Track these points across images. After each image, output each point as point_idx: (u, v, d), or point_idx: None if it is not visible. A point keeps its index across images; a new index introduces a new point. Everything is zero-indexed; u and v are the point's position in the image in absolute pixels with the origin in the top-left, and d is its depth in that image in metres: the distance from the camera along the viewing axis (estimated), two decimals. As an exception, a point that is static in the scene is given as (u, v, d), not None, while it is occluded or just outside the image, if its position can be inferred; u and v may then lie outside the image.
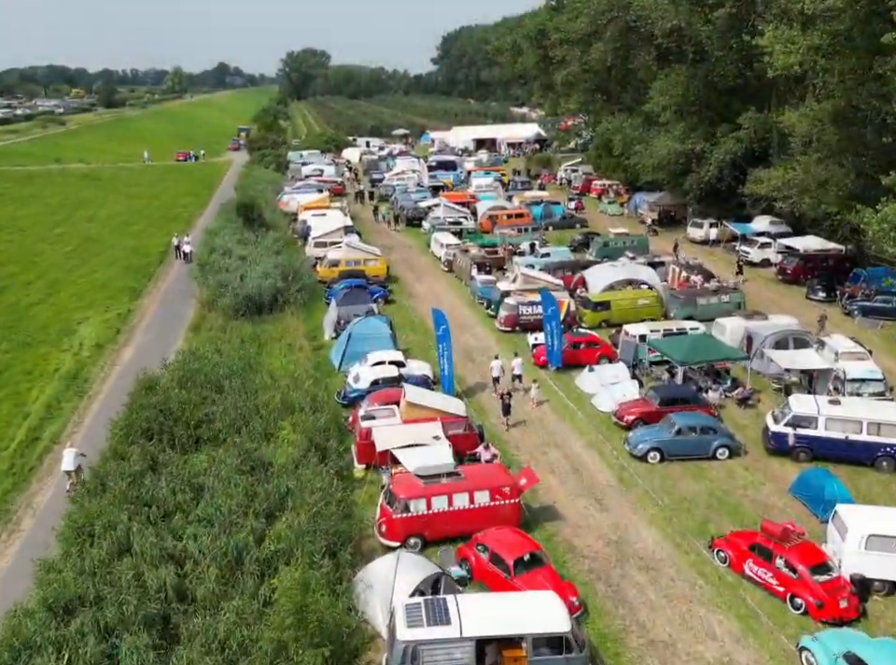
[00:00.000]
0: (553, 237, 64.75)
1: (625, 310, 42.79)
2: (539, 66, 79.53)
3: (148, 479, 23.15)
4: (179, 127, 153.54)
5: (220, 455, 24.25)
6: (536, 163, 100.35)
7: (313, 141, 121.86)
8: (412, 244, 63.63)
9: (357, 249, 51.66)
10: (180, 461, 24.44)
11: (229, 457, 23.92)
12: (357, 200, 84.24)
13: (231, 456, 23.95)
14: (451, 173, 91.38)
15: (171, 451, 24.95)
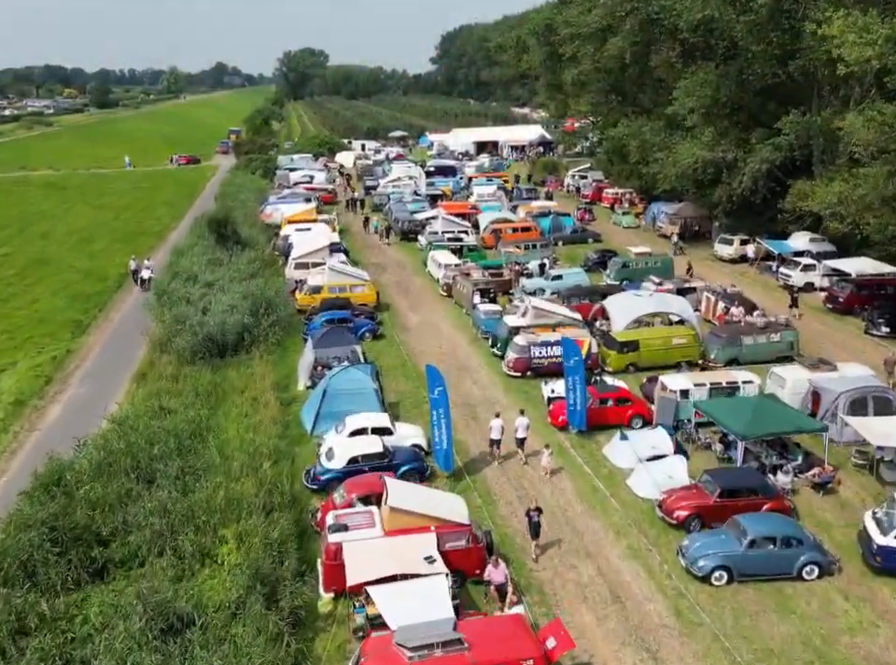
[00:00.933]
0: (563, 254, 57.65)
1: (657, 351, 35.68)
2: (545, 65, 72.35)
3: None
4: (169, 128, 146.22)
5: (123, 602, 17.11)
6: (541, 169, 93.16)
7: (305, 144, 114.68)
8: (406, 262, 56.49)
9: (341, 274, 44.49)
10: (66, 608, 17.28)
11: (133, 608, 16.75)
12: (349, 208, 77.20)
13: (137, 607, 16.75)
14: (450, 179, 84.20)
15: (56, 598, 17.73)
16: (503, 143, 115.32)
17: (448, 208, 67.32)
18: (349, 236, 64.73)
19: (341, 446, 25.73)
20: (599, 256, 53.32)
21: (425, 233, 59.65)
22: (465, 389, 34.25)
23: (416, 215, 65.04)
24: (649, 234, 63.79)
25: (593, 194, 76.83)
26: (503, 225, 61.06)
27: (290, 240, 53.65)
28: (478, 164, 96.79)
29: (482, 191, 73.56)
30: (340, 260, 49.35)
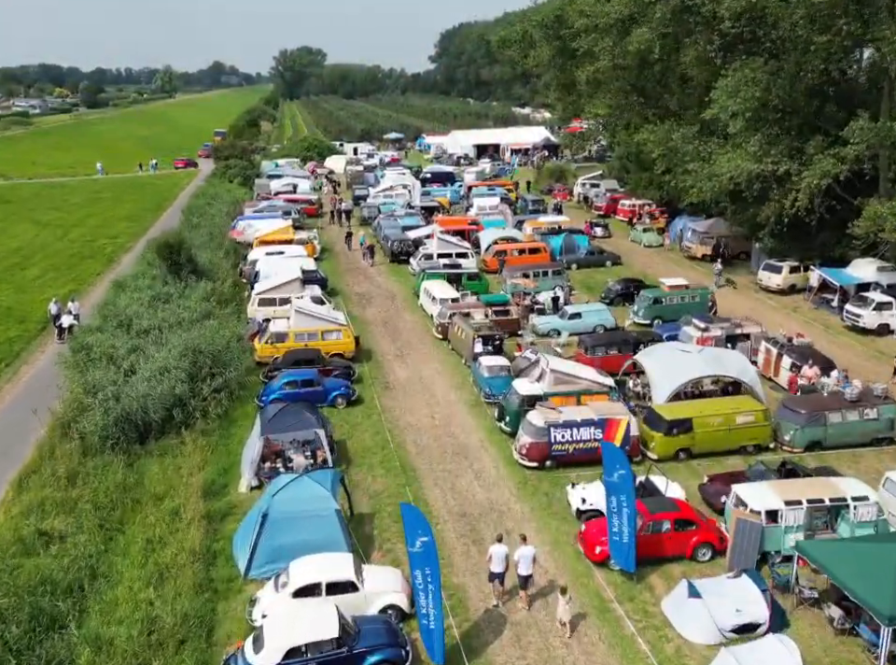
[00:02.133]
0: (577, 280, 48.86)
1: (717, 433, 26.89)
2: (555, 61, 63.36)
3: None
4: (150, 131, 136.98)
5: None
6: (546, 175, 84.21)
7: (293, 148, 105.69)
8: (396, 291, 47.65)
9: (311, 317, 35.62)
10: None
11: None
12: (334, 221, 68.43)
13: None
14: (447, 189, 75.32)
15: None
16: (505, 146, 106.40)
17: (444, 224, 58.52)
18: (331, 257, 55.95)
19: (275, 627, 16.90)
20: (623, 286, 44.45)
21: (417, 256, 50.88)
22: (462, 487, 25.47)
23: (409, 232, 56.16)
24: (674, 255, 54.94)
25: (607, 206, 67.89)
26: (508, 246, 52.22)
27: (258, 267, 44.83)
28: (478, 170, 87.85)
29: (483, 204, 64.65)
30: (314, 295, 40.54)
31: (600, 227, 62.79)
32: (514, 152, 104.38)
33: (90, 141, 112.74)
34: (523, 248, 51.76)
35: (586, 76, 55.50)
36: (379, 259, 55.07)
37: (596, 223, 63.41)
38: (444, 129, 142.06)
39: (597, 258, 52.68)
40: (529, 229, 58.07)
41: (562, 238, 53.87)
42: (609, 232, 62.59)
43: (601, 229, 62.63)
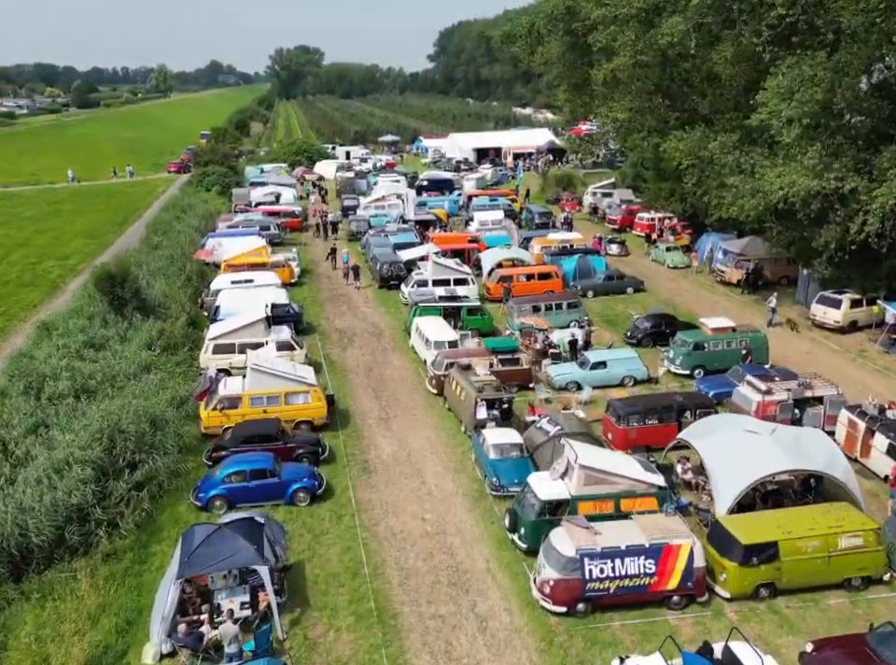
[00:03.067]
0: (595, 311, 41.45)
1: (812, 563, 19.43)
2: (565, 58, 55.72)
3: None
4: (139, 131, 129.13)
5: None
6: (553, 182, 76.63)
7: (280, 151, 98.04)
8: (383, 326, 40.13)
9: (271, 375, 28.07)
10: None
11: None
12: (319, 234, 61.03)
13: None
14: (445, 199, 67.81)
15: None
16: (507, 150, 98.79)
17: (441, 242, 51.09)
18: (312, 280, 48.44)
19: None
20: (653, 324, 36.88)
21: (410, 282, 43.41)
22: (461, 649, 18.00)
23: (401, 252, 48.64)
24: (704, 279, 47.43)
25: (622, 220, 60.32)
26: (514, 270, 44.74)
27: (219, 300, 37.31)
28: (479, 176, 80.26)
29: (484, 218, 57.12)
30: (281, 339, 33.07)
31: (616, 244, 55.31)
32: (517, 157, 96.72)
33: (66, 144, 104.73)
34: (531, 273, 44.28)
35: (603, 74, 47.84)
36: (366, 281, 47.77)
37: (611, 239, 55.89)
38: (443, 131, 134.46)
39: (617, 284, 45.15)
40: (537, 248, 50.57)
41: (575, 260, 46.39)
42: (627, 249, 55.12)
43: (617, 246, 55.15)
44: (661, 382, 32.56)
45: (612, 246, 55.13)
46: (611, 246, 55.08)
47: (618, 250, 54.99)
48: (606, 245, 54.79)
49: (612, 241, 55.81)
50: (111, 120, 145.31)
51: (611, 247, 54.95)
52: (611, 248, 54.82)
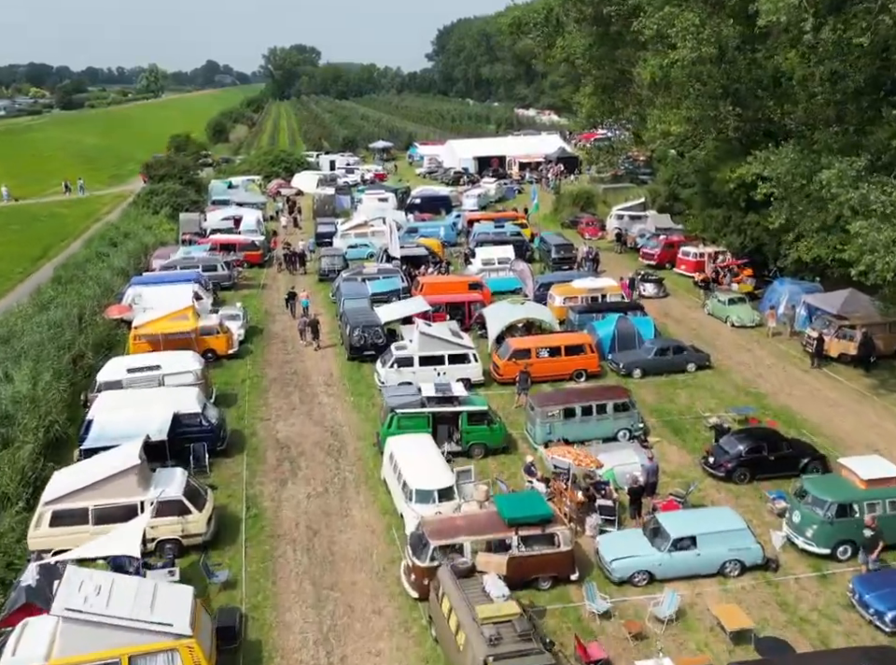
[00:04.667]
0: (647, 404, 28.80)
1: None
2: (593, 52, 42.71)
3: None
4: (108, 137, 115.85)
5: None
6: (569, 201, 63.65)
7: (256, 160, 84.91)
8: (346, 435, 27.26)
9: (105, 626, 15.15)
10: None
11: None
12: (285, 267, 48.59)
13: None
14: (441, 225, 54.94)
15: None
16: (511, 159, 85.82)
17: (434, 291, 38.50)
18: (260, 346, 35.70)
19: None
20: (750, 447, 23.93)
21: (388, 358, 30.72)
22: None
23: (381, 310, 35.83)
24: (789, 347, 34.60)
25: (661, 254, 47.45)
26: (531, 341, 31.91)
27: (92, 414, 24.38)
28: (481, 192, 67.41)
29: (490, 256, 44.28)
30: (165, 498, 20.29)
31: (651, 282, 42.99)
32: (524, 167, 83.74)
33: (13, 152, 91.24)
34: (556, 346, 31.49)
35: (651, 73, 34.91)
36: (334, 338, 35.29)
37: (646, 276, 43.51)
38: (440, 134, 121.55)
39: (674, 360, 32.28)
40: (559, 300, 37.81)
41: (614, 323, 33.64)
42: (665, 289, 42.74)
43: (653, 286, 42.89)
44: (781, 567, 19.86)
45: (647, 285, 42.98)
46: (646, 285, 42.88)
47: (654, 291, 42.77)
48: (638, 283, 42.44)
49: (647, 278, 43.49)
50: (82, 124, 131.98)
51: (646, 287, 42.81)
52: (646, 288, 42.66)
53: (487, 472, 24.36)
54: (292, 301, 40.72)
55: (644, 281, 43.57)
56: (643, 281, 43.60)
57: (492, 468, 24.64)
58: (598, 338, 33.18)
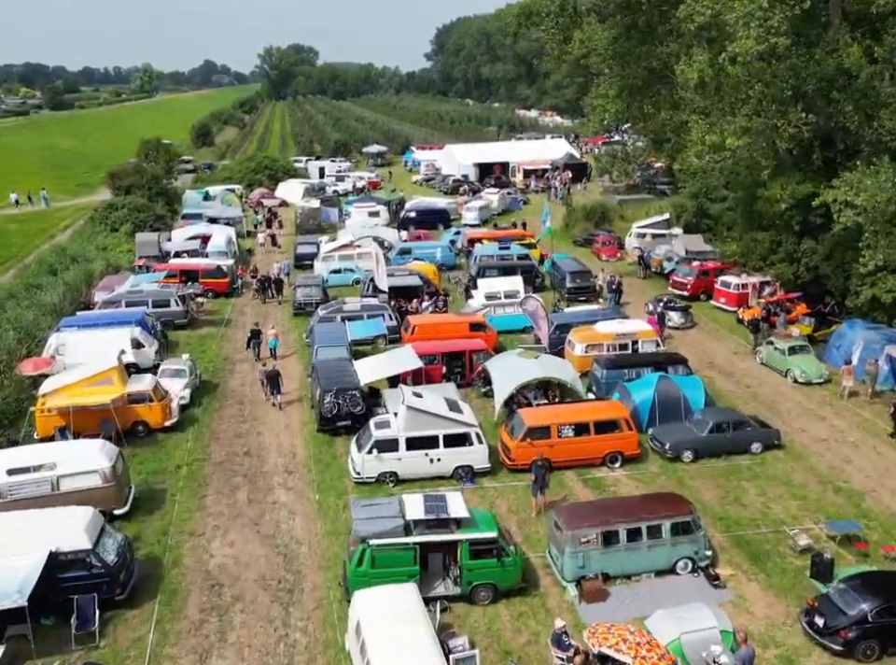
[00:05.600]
0: (709, 509, 21.36)
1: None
2: (619, 47, 34.97)
3: None
4: (82, 141, 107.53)
5: None
6: (582, 215, 56.19)
7: (237, 168, 77.30)
8: (305, 559, 19.91)
9: None
10: None
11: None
12: (259, 296, 41.39)
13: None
14: (437, 246, 47.48)
15: None
16: (516, 165, 78.36)
17: (426, 334, 31.40)
18: (210, 409, 28.32)
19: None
20: (881, 601, 16.39)
21: (367, 438, 23.36)
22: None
23: (360, 365, 28.43)
24: (868, 413, 27.18)
25: (695, 283, 39.99)
26: (554, 418, 24.38)
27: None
28: (482, 205, 59.97)
29: (495, 290, 36.71)
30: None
31: (676, 311, 36.38)
32: (528, 174, 76.30)
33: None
34: (583, 421, 24.06)
35: (698, 72, 27.38)
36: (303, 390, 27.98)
37: (669, 303, 37.13)
38: (439, 137, 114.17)
39: (733, 438, 24.75)
40: (579, 348, 30.51)
41: (653, 386, 26.28)
42: (691, 318, 35.93)
43: (678, 315, 36.39)
44: None
45: (672, 313, 36.26)
46: (670, 313, 36.14)
47: (680, 321, 36.37)
48: (661, 310, 35.55)
49: (671, 305, 36.90)
50: (64, 125, 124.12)
51: (670, 316, 36.03)
52: (670, 318, 35.95)
53: (496, 629, 17.04)
54: (256, 341, 33.44)
55: (668, 308, 36.78)
56: (666, 308, 36.80)
57: (505, 628, 17.25)
58: (633, 404, 25.87)
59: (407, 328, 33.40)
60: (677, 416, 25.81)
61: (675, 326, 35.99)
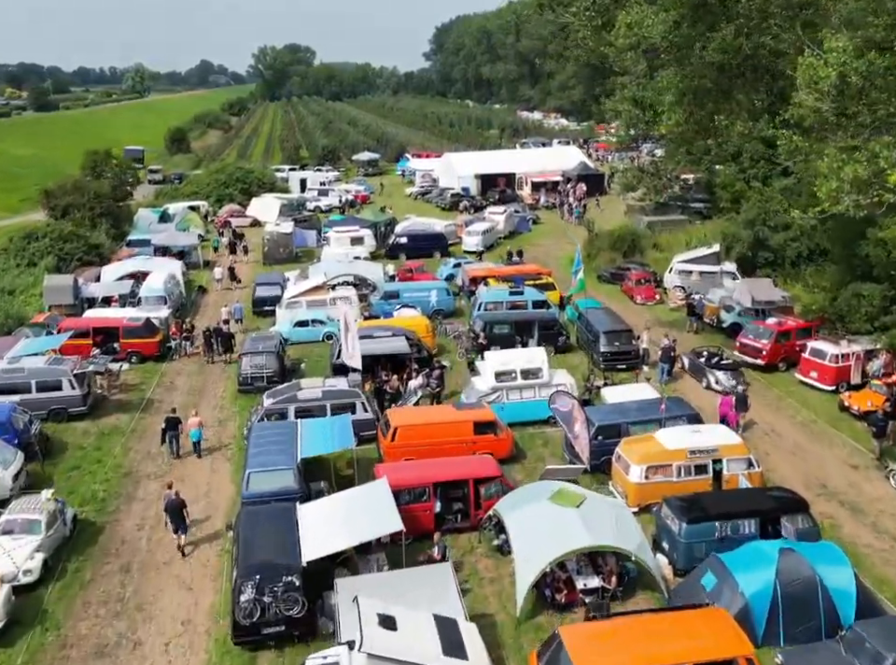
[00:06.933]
0: None
1: None
2: (679, 37, 24.92)
3: None
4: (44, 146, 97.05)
5: None
6: (608, 244, 45.75)
7: (207, 179, 66.63)
8: None
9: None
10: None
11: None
12: (208, 354, 31.39)
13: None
14: (433, 288, 36.93)
15: None
16: (523, 177, 68.01)
17: (409, 440, 21.63)
18: (73, 582, 17.94)
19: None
20: None
21: None
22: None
23: (307, 534, 18.18)
24: None
25: (772, 349, 29.53)
26: (618, 644, 14.14)
27: None
28: (486, 228, 49.68)
29: (508, 367, 26.03)
30: None
31: (725, 372, 28.20)
32: (537, 187, 65.97)
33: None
34: (668, 652, 13.78)
35: (837, 67, 17.10)
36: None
37: (718, 361, 29.04)
38: (437, 143, 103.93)
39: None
40: (637, 470, 20.36)
41: (773, 565, 16.00)
42: (744, 381, 27.43)
43: (727, 375, 28.51)
44: None
45: (718, 374, 27.72)
46: (717, 374, 27.76)
47: (729, 383, 27.29)
48: (708, 372, 26.49)
49: (719, 364, 28.46)
50: (23, 128, 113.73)
51: (717, 377, 27.62)
52: (717, 379, 27.59)
53: None
54: (172, 433, 23.49)
55: (712, 366, 27.88)
56: (708, 364, 28.02)
57: None
58: (740, 600, 15.66)
59: (386, 427, 23.17)
60: (811, 622, 15.63)
61: (723, 391, 26.60)
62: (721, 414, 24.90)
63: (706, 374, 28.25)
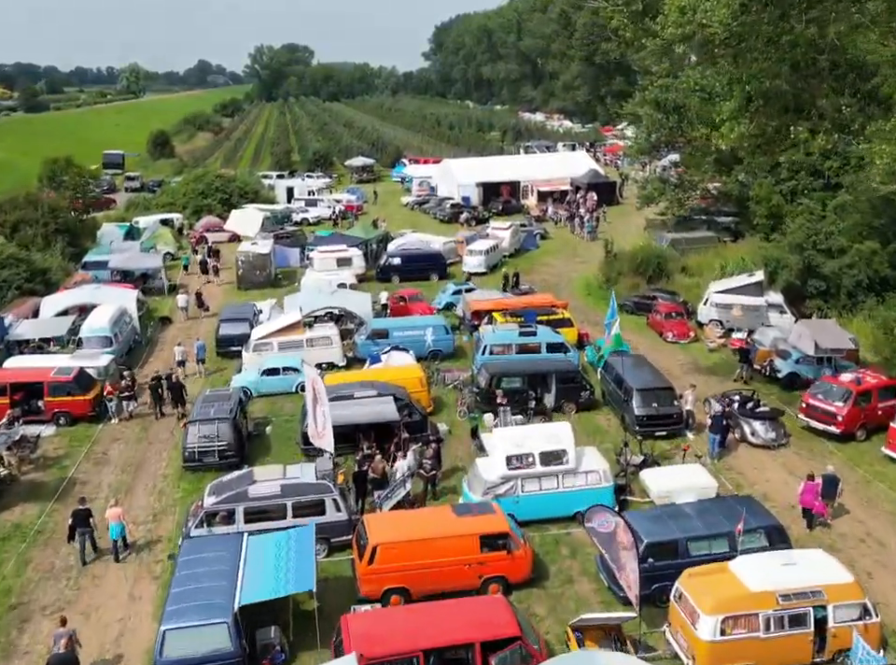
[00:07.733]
0: None
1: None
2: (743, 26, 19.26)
3: None
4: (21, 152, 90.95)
5: None
6: (628, 267, 39.57)
7: (184, 189, 60.25)
8: None
9: None
10: None
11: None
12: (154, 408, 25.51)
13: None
14: (428, 325, 30.71)
15: None
16: (528, 185, 61.86)
17: (394, 562, 15.84)
18: None
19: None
20: None
21: None
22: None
23: None
24: None
25: (850, 413, 23.45)
26: None
27: None
28: (490, 246, 43.54)
29: (524, 449, 19.90)
30: None
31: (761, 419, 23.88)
32: (544, 197, 59.80)
33: None
34: None
35: None
36: None
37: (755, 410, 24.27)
38: (435, 146, 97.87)
39: None
40: (709, 624, 14.40)
41: None
42: (784, 433, 22.16)
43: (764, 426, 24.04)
44: None
45: (756, 424, 22.94)
46: (754, 424, 22.98)
47: (769, 435, 22.84)
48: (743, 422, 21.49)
49: (755, 413, 23.44)
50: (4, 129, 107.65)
51: (754, 427, 22.91)
52: (754, 430, 22.94)
53: None
54: (82, 529, 17.92)
55: (746, 414, 22.97)
56: (742, 412, 23.13)
57: None
58: None
59: (361, 541, 17.12)
60: None
61: (760, 444, 22.04)
62: (804, 504, 19.12)
63: (740, 423, 22.76)
